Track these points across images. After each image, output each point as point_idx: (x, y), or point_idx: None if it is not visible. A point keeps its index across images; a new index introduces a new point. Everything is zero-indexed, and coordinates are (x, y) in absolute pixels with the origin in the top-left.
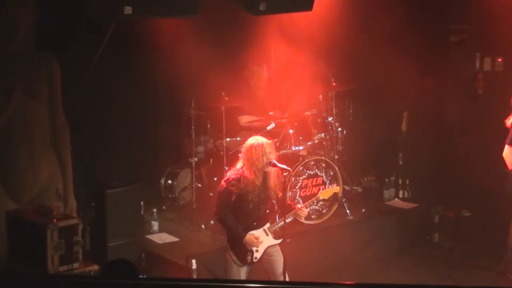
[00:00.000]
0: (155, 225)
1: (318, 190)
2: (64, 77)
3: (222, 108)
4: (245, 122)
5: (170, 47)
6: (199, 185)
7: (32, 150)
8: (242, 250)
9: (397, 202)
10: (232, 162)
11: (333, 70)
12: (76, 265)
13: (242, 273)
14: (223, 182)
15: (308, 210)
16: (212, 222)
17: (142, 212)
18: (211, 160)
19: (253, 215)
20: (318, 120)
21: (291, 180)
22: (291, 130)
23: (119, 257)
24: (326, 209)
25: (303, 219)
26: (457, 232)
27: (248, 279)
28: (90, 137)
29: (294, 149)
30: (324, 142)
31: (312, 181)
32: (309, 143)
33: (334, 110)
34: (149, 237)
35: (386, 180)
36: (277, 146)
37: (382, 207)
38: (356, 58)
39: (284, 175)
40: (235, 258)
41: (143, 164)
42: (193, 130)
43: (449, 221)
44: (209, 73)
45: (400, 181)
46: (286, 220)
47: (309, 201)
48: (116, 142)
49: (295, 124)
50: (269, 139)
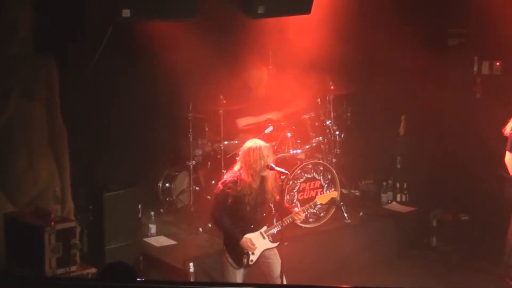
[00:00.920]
0: (153, 228)
1: (316, 193)
2: (63, 78)
3: (220, 111)
4: (242, 125)
5: (169, 50)
6: (197, 188)
7: (30, 152)
8: (238, 253)
9: (395, 206)
10: (229, 165)
11: (331, 74)
12: (73, 268)
13: (239, 275)
14: (220, 185)
15: (305, 214)
16: (209, 225)
17: (140, 215)
18: (209, 163)
19: (249, 218)
20: (316, 123)
21: (289, 183)
22: (289, 134)
23: (117, 260)
24: (324, 212)
25: (301, 223)
26: (455, 235)
27: (245, 282)
28: (88, 139)
29: (292, 152)
30: (322, 146)
31: (310, 184)
32: (307, 147)
33: (332, 114)
34: (146, 240)
35: (384, 183)
36: (275, 149)
37: (380, 211)
38: (354, 61)
39: (282, 179)
40: (231, 261)
41: (141, 166)
42: (191, 133)
43: (447, 224)
44: (207, 76)
45: (398, 184)
46: (283, 223)
47: (306, 205)
48: (114, 144)
49: (293, 127)
50: (267, 142)
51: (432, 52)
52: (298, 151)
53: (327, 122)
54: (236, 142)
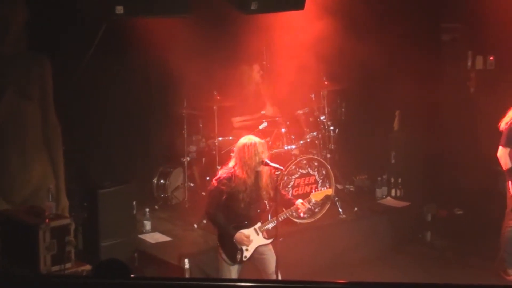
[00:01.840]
0: (148, 224)
1: (311, 189)
2: (56, 77)
3: (214, 107)
4: (238, 121)
5: (162, 47)
6: (192, 184)
7: (24, 150)
8: (232, 249)
9: (389, 201)
10: (224, 161)
11: (325, 69)
12: (68, 265)
13: (233, 272)
14: (214, 181)
15: (310, 206)
16: (204, 221)
17: (135, 211)
18: (204, 159)
19: (244, 215)
20: (310, 119)
21: (284, 179)
22: (284, 129)
23: (112, 257)
24: (319, 208)
25: (295, 218)
26: (449, 230)
27: (239, 278)
28: (83, 136)
29: (286, 148)
30: (316, 141)
31: (304, 180)
32: (301, 142)
33: (326, 109)
34: (141, 236)
35: (379, 178)
36: (269, 145)
37: (374, 206)
38: (348, 57)
39: (276, 174)
40: (225, 257)
41: (136, 163)
42: (185, 130)
43: (441, 219)
44: (201, 72)
45: (392, 179)
46: (281, 217)
47: (306, 199)
48: (108, 141)
49: (288, 123)
50: (261, 139)
51: (426, 47)
52: (293, 147)
53: (321, 118)
54: (230, 138)
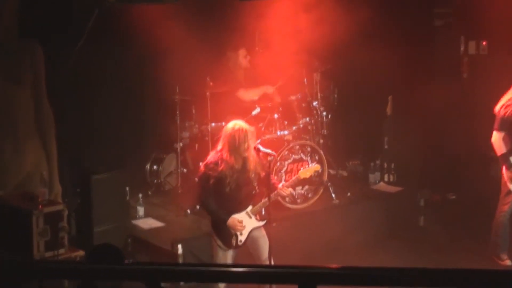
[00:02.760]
0: (141, 210)
1: None
2: (48, 64)
3: (207, 93)
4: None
5: (155, 33)
6: (185, 170)
7: (17, 136)
8: (226, 234)
9: (382, 186)
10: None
11: (316, 53)
12: (61, 251)
13: (228, 257)
14: (202, 166)
15: (290, 190)
16: (197, 207)
17: (128, 197)
18: (196, 145)
19: (234, 199)
20: (303, 104)
21: (277, 164)
22: (276, 115)
23: (105, 242)
24: (312, 193)
25: (288, 204)
26: (442, 215)
27: (234, 263)
28: (76, 122)
29: (279, 133)
30: (309, 127)
31: (297, 165)
32: (294, 128)
33: (319, 95)
34: (134, 222)
35: (372, 164)
36: (262, 131)
37: (367, 191)
38: (339, 42)
39: (269, 160)
40: (220, 243)
41: (128, 149)
42: (178, 116)
43: (434, 204)
44: (193, 58)
45: (385, 165)
46: (270, 200)
47: (290, 180)
48: (101, 127)
49: (280, 108)
50: (254, 124)
51: (418, 32)
52: (285, 132)
53: (314, 103)
54: (223, 123)
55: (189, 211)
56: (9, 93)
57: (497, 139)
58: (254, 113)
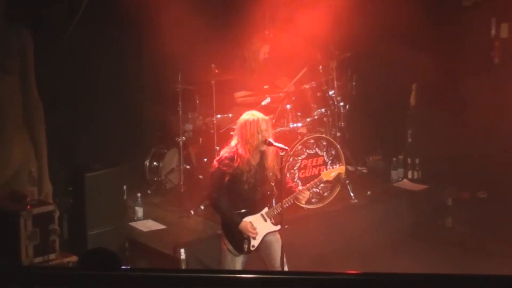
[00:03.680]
0: (140, 211)
1: (319, 171)
2: (38, 51)
3: (212, 81)
4: (240, 97)
5: (154, 16)
6: (188, 166)
7: (3, 129)
8: (237, 238)
9: (406, 184)
10: (223, 141)
11: (334, 38)
12: (52, 256)
13: (238, 263)
14: (215, 162)
15: (309, 192)
16: (202, 207)
17: (125, 197)
18: (201, 139)
19: (249, 199)
20: (318, 94)
21: (289, 160)
22: (289, 105)
23: (100, 246)
24: (328, 191)
25: (303, 203)
26: (472, 215)
27: (244, 269)
28: (68, 114)
29: (291, 126)
30: (324, 118)
31: (312, 161)
32: (308, 120)
33: (335, 83)
34: (132, 224)
35: (394, 159)
36: (273, 123)
37: (389, 189)
38: (359, 25)
39: (281, 155)
40: (230, 247)
41: (126, 144)
42: (180, 107)
43: (463, 203)
44: (197, 43)
45: (409, 160)
46: (284, 205)
47: (311, 182)
48: (96, 120)
49: (293, 98)
50: (265, 115)
51: (445, 13)
52: (299, 125)
53: (330, 92)
54: (230, 115)
55: (192, 212)
56: None
57: None
58: (264, 103)
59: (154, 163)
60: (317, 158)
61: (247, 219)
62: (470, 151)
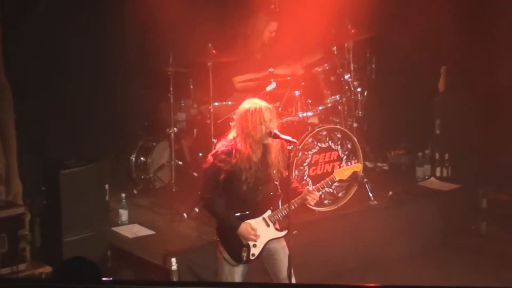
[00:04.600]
0: (124, 214)
1: (332, 167)
2: (5, 32)
3: (209, 63)
4: (240, 82)
5: None
6: (180, 162)
7: None
8: (236, 245)
9: (433, 183)
10: (221, 133)
11: (351, 14)
12: (22, 266)
13: (237, 274)
14: (210, 157)
15: (320, 193)
16: (197, 210)
17: (107, 197)
18: (195, 130)
19: (249, 200)
20: (332, 78)
21: (298, 155)
22: (297, 92)
23: (78, 255)
24: (343, 191)
25: (313, 205)
26: (510, 220)
27: (244, 282)
28: (40, 103)
29: (301, 115)
30: (339, 107)
31: (324, 156)
32: (320, 108)
33: (352, 66)
34: (116, 229)
35: (420, 154)
36: (279, 111)
37: (414, 189)
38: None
39: (288, 149)
40: (227, 256)
41: (107, 136)
42: (171, 93)
43: (500, 206)
44: (191, 21)
45: (437, 155)
46: (291, 208)
47: (321, 182)
48: (73, 109)
49: (303, 83)
50: (269, 103)
51: None
52: (309, 114)
53: (346, 77)
54: (229, 103)
55: (185, 215)
56: None
57: None
58: (268, 88)
59: (141, 159)
60: (330, 152)
61: (247, 223)
62: (508, 146)
